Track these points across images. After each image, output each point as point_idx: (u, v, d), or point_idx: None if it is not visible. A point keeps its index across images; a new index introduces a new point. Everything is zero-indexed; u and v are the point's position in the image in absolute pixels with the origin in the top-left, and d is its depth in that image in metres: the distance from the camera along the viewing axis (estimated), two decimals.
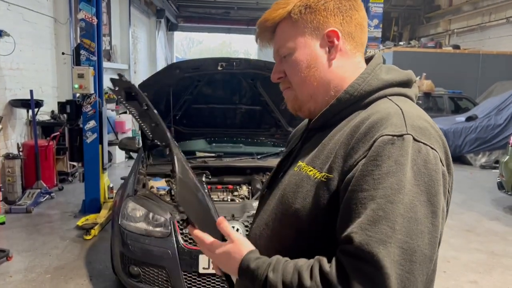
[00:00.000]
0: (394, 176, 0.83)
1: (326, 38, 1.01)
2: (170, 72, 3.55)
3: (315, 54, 1.02)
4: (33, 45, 7.12)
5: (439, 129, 0.94)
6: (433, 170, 0.85)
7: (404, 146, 0.84)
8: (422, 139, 0.86)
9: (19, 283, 3.67)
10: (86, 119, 5.24)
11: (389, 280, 0.77)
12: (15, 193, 5.92)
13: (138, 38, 14.78)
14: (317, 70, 1.02)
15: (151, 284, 3.04)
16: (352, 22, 1.01)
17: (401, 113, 0.90)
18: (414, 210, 0.81)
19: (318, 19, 1.01)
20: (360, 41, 1.04)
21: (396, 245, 0.79)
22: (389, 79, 1.01)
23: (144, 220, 3.11)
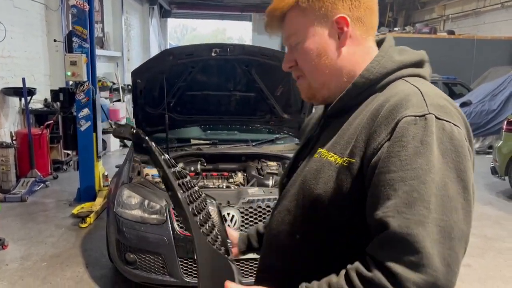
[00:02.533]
0: (423, 156, 0.82)
1: (335, 25, 1.00)
2: (163, 59, 3.52)
3: (325, 42, 1.01)
4: (25, 33, 7.02)
5: (458, 106, 0.93)
6: (459, 146, 0.84)
7: (428, 126, 0.84)
8: (444, 117, 0.86)
9: (15, 271, 3.68)
10: (79, 107, 5.20)
11: (432, 259, 0.77)
12: (9, 182, 5.90)
13: (131, 25, 14.62)
14: (328, 58, 1.02)
15: (147, 270, 3.05)
16: (361, 6, 1.00)
17: (420, 93, 0.90)
18: (446, 187, 0.81)
19: (326, 6, 0.99)
20: (370, 25, 1.02)
21: (434, 224, 0.79)
22: (403, 60, 1.00)
23: (139, 207, 3.10)
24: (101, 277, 3.60)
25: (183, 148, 4.00)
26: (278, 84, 3.82)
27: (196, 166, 3.77)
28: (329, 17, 1.00)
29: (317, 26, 1.01)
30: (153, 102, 3.84)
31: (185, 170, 3.60)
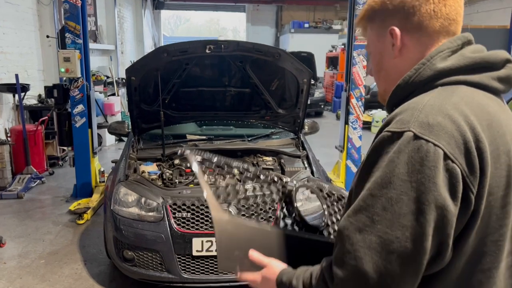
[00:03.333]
0: (382, 171, 0.86)
1: (389, 38, 1.04)
2: (157, 56, 3.51)
3: (382, 53, 1.08)
4: (16, 28, 6.96)
5: (466, 121, 0.87)
6: (429, 167, 0.82)
7: (400, 144, 0.85)
8: (426, 135, 0.84)
9: (14, 269, 3.70)
10: (74, 103, 5.19)
11: (362, 263, 0.83)
12: (5, 179, 5.89)
13: (124, 18, 14.50)
14: (384, 68, 1.08)
15: (145, 267, 3.08)
16: (417, 14, 0.99)
17: (420, 108, 0.89)
18: (399, 205, 0.83)
19: (382, 19, 1.05)
20: (432, 29, 1.00)
21: (375, 234, 0.83)
22: (445, 68, 0.96)
23: (136, 205, 3.13)
24: (99, 274, 3.63)
25: (179, 144, 4.01)
26: (273, 80, 3.83)
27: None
28: (384, 30, 1.05)
29: (376, 39, 1.08)
30: (148, 99, 3.84)
31: (182, 167, 3.64)
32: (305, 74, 3.72)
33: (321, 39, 18.83)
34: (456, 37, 1.01)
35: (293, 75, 3.72)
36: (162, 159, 3.77)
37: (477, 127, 0.87)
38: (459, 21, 1.03)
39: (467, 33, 1.04)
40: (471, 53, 0.98)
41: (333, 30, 19.65)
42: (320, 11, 21.67)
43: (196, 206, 3.02)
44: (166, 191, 3.15)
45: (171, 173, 3.57)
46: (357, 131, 5.48)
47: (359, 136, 5.50)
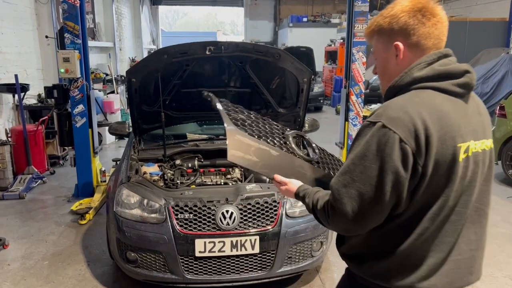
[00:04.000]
0: (361, 148, 1.29)
1: (394, 50, 1.40)
2: (158, 58, 3.51)
3: (387, 61, 1.44)
4: (15, 27, 6.95)
5: (419, 116, 1.25)
6: (389, 147, 1.24)
7: (373, 130, 1.28)
8: (390, 125, 1.25)
9: (18, 271, 3.72)
10: (74, 103, 5.19)
11: (345, 206, 1.29)
12: (6, 179, 5.90)
13: (122, 14, 14.46)
14: (388, 72, 1.45)
15: (148, 268, 3.11)
16: (416, 35, 1.36)
17: (390, 106, 1.31)
18: (370, 170, 1.27)
19: (389, 34, 1.40)
20: (426, 46, 1.37)
21: (354, 188, 1.29)
22: (418, 76, 1.34)
23: (138, 206, 3.14)
24: (103, 274, 3.66)
25: (180, 144, 4.02)
26: (273, 80, 3.84)
27: (194, 162, 3.80)
28: (390, 44, 1.41)
29: (385, 50, 1.44)
30: (148, 100, 3.85)
31: (183, 167, 3.66)
32: (305, 74, 3.73)
33: (320, 33, 18.79)
34: (433, 53, 1.37)
35: (293, 74, 3.73)
36: (164, 160, 3.79)
37: (427, 120, 1.25)
38: (444, 39, 1.40)
39: (446, 49, 1.39)
40: (439, 66, 1.34)
41: (332, 24, 19.60)
42: (318, 4, 21.60)
43: (198, 207, 3.04)
44: (168, 192, 3.17)
45: (172, 174, 3.59)
46: (357, 128, 5.50)
47: None
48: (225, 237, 2.98)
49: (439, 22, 1.36)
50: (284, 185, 1.67)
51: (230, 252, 3.01)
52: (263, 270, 3.10)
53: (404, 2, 1.38)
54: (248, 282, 3.17)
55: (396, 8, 1.38)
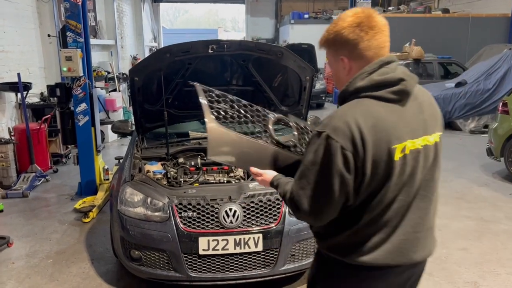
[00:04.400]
0: (312, 155, 1.51)
1: (341, 62, 1.59)
2: (160, 57, 3.51)
3: (338, 71, 1.64)
4: (17, 26, 6.96)
5: (356, 125, 1.44)
6: (333, 155, 1.45)
7: (320, 140, 1.48)
8: (332, 135, 1.45)
9: (22, 269, 3.74)
10: (77, 102, 5.21)
11: (303, 204, 1.54)
12: (10, 177, 5.93)
13: (123, 12, 14.45)
14: (340, 81, 1.64)
15: (152, 266, 3.12)
16: (357, 48, 1.53)
17: (334, 116, 1.50)
18: (321, 174, 1.49)
19: (335, 49, 1.60)
20: (369, 56, 1.54)
21: (310, 190, 1.52)
22: (359, 86, 1.53)
23: (142, 205, 3.15)
24: (106, 272, 3.68)
25: (183, 143, 4.03)
26: (275, 78, 3.84)
27: (197, 160, 3.81)
28: (337, 56, 1.60)
29: (335, 62, 1.63)
30: (151, 99, 3.85)
31: (186, 165, 3.67)
32: (307, 72, 3.73)
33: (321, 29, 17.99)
34: (374, 62, 1.54)
35: (296, 72, 3.73)
36: (167, 158, 3.80)
37: (363, 127, 1.44)
38: (386, 46, 1.57)
39: (388, 56, 1.57)
40: (378, 76, 1.51)
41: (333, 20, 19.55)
42: (319, 1, 21.56)
43: (202, 205, 3.05)
44: (172, 191, 3.18)
45: (175, 172, 3.60)
46: None
47: None
48: (228, 235, 3.00)
49: (377, 32, 1.52)
50: (259, 176, 1.85)
51: (233, 250, 3.02)
52: (267, 268, 3.12)
53: (346, 17, 1.55)
54: (252, 280, 3.18)
55: (339, 25, 1.55)
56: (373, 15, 1.53)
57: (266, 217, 3.09)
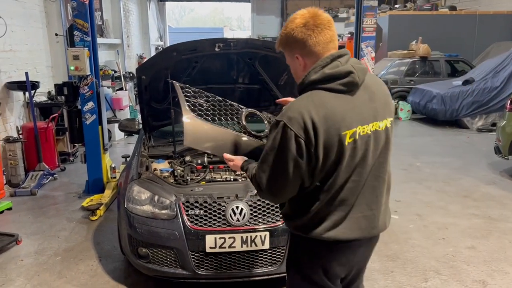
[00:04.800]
0: (271, 142, 1.71)
1: (296, 60, 1.79)
2: (167, 55, 3.53)
3: (296, 68, 1.84)
4: (24, 25, 7.00)
5: (310, 114, 1.62)
6: (288, 141, 1.64)
7: (278, 128, 1.67)
8: (288, 124, 1.64)
9: (31, 266, 3.78)
10: (84, 100, 5.24)
11: (264, 184, 1.77)
12: (18, 176, 5.98)
13: (129, 11, 14.50)
14: (298, 76, 1.81)
15: (159, 264, 3.14)
16: (307, 45, 1.72)
17: (290, 107, 1.68)
18: (278, 159, 1.69)
19: (289, 49, 1.80)
20: (319, 52, 1.73)
21: (269, 172, 1.74)
22: (312, 79, 1.71)
23: (149, 203, 3.17)
24: (114, 270, 3.70)
25: None
26: (282, 76, 3.84)
27: (203, 159, 3.81)
28: (293, 55, 1.79)
29: (291, 61, 1.83)
30: (158, 97, 3.87)
31: (192, 164, 3.68)
32: None
33: None
34: (326, 56, 1.72)
35: None
36: (174, 157, 3.81)
37: (315, 117, 1.63)
38: (333, 40, 1.76)
39: (341, 50, 1.76)
40: (329, 69, 1.69)
41: (339, 18, 19.46)
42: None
43: (209, 203, 3.06)
44: (179, 189, 3.19)
45: (182, 170, 3.61)
46: None
47: None
48: (235, 233, 3.01)
49: (323, 30, 1.72)
50: (231, 161, 2.10)
51: (240, 248, 3.03)
52: (273, 266, 3.12)
53: (294, 19, 1.74)
54: (258, 278, 3.19)
55: (288, 27, 1.75)
56: (317, 13, 1.73)
57: (273, 215, 3.09)
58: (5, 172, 5.88)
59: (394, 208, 5.04)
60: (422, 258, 3.86)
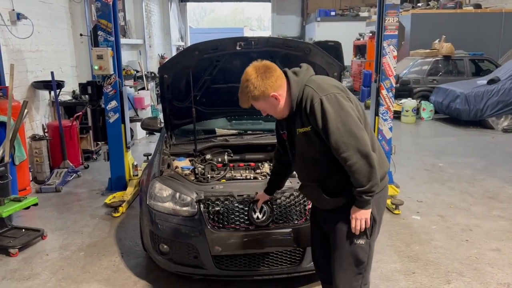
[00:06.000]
0: (333, 120, 2.09)
1: (273, 99, 2.19)
2: (189, 54, 3.56)
3: (274, 105, 2.23)
4: (50, 26, 7.17)
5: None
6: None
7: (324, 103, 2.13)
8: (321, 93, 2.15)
9: (56, 261, 3.87)
10: (107, 99, 5.33)
11: (363, 153, 2.06)
12: (43, 173, 6.13)
13: (151, 12, 14.68)
14: (280, 110, 2.24)
15: (180, 260, 3.17)
16: (277, 86, 2.16)
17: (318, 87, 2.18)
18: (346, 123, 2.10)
19: (263, 97, 2.17)
20: (285, 86, 2.19)
21: (352, 140, 2.07)
22: (299, 81, 2.20)
23: (171, 200, 3.20)
24: (136, 266, 3.76)
25: (210, 139, 4.07)
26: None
27: (223, 157, 3.85)
28: (268, 98, 2.17)
29: (267, 103, 2.21)
30: (180, 96, 3.91)
31: (213, 162, 3.71)
32: (335, 68, 3.71)
33: (348, 27, 18.53)
34: (291, 76, 2.22)
35: (324, 69, 3.71)
36: (194, 154, 3.85)
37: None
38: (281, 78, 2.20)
39: (292, 69, 2.26)
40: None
41: (360, 17, 19.31)
42: None
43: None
44: (199, 186, 3.22)
45: (203, 168, 3.65)
46: (387, 123, 5.42)
47: (390, 127, 5.44)
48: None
49: (275, 78, 2.16)
50: (359, 217, 2.27)
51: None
52: (293, 265, 3.12)
53: (251, 75, 2.17)
54: (278, 276, 3.19)
55: (256, 83, 2.14)
56: (253, 70, 2.19)
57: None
58: (31, 169, 6.03)
59: (416, 209, 4.97)
60: (444, 260, 3.80)
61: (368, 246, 2.27)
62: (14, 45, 6.05)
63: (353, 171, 2.06)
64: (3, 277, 3.61)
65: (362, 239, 2.24)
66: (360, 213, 2.16)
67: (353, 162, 2.03)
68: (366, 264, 2.30)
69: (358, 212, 2.16)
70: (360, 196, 2.11)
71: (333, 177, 2.21)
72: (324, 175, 2.25)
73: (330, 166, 2.17)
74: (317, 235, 2.56)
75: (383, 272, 3.59)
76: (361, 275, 2.31)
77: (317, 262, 2.66)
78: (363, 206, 2.14)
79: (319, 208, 2.42)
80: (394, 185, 5.48)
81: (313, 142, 2.16)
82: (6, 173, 4.40)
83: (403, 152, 7.46)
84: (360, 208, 2.15)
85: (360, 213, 2.16)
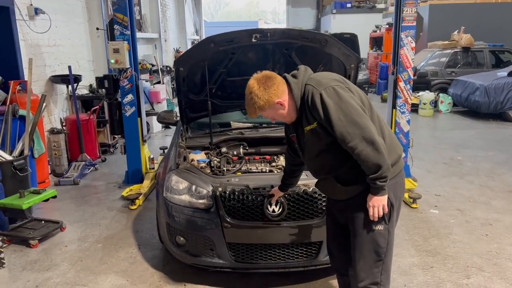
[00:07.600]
0: (336, 112, 2.13)
1: (278, 105, 2.24)
2: (204, 47, 3.55)
3: (281, 111, 2.28)
4: (67, 21, 7.24)
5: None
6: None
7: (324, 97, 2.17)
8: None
9: (74, 252, 3.93)
10: (124, 93, 5.36)
11: (368, 140, 2.08)
12: (62, 166, 6.22)
13: (166, 6, 14.71)
14: (288, 113, 2.30)
15: (197, 253, 3.18)
16: (280, 92, 2.23)
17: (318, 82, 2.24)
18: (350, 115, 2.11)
19: (269, 106, 2.23)
20: (283, 87, 2.26)
21: (357, 128, 2.09)
22: (300, 81, 2.26)
23: (187, 192, 3.21)
24: (153, 258, 3.79)
25: (226, 132, 4.07)
26: (319, 66, 3.79)
27: (239, 150, 3.84)
28: (274, 105, 2.24)
29: (273, 110, 2.26)
30: (195, 89, 3.91)
31: (228, 155, 3.71)
32: (352, 60, 3.66)
33: (364, 19, 18.31)
34: (290, 80, 2.29)
35: (340, 60, 3.67)
36: (210, 147, 3.85)
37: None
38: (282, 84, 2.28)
39: (292, 72, 2.36)
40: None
41: (377, 9, 19.05)
42: None
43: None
44: (215, 179, 3.22)
45: (219, 161, 3.65)
46: (405, 115, 5.34)
47: (407, 120, 5.36)
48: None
49: (276, 85, 2.23)
50: (377, 204, 2.28)
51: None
52: (309, 258, 3.11)
53: (253, 86, 2.23)
54: (293, 269, 3.19)
55: (259, 94, 2.20)
56: (257, 82, 2.26)
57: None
58: (50, 162, 6.13)
59: (434, 203, 4.90)
60: (463, 254, 3.74)
61: (387, 231, 2.28)
62: (32, 39, 6.13)
63: (362, 159, 2.08)
64: (23, 267, 3.68)
65: (381, 224, 2.25)
66: (376, 199, 2.17)
67: (360, 150, 2.05)
68: (385, 250, 2.29)
69: (374, 198, 2.17)
70: (374, 183, 2.13)
71: (346, 166, 2.23)
72: (337, 166, 2.26)
73: (341, 156, 2.19)
74: (333, 228, 2.57)
75: (400, 266, 3.55)
76: (381, 262, 2.30)
77: (332, 254, 2.66)
78: (378, 192, 2.15)
79: (335, 200, 2.42)
80: (412, 179, 5.41)
81: (321, 137, 2.19)
82: (26, 166, 4.47)
83: (421, 145, 7.36)
84: (376, 195, 2.16)
85: (376, 200, 2.17)
